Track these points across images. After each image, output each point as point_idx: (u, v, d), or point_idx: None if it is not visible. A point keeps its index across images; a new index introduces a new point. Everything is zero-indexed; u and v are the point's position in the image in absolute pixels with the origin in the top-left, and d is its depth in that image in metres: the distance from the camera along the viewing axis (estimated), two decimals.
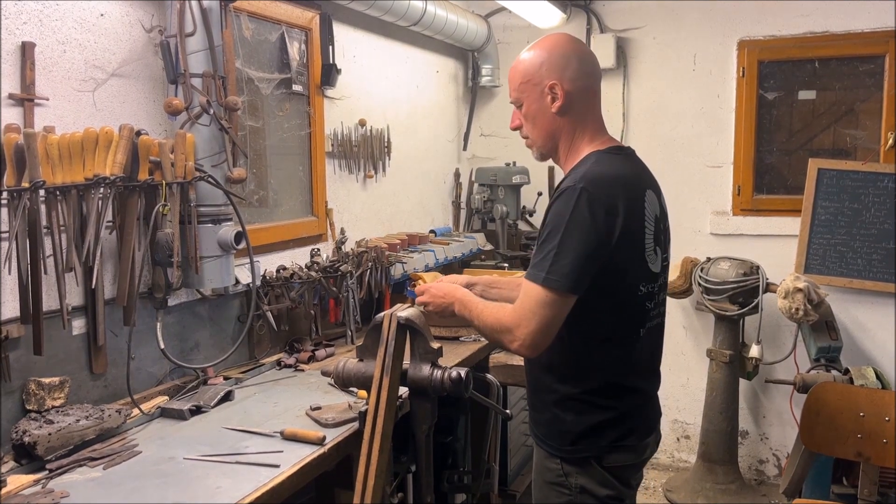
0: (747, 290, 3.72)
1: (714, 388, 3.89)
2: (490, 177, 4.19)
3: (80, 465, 1.78)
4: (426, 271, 3.50)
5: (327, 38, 3.05)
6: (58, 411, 1.88)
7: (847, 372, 3.35)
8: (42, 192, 1.82)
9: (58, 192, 1.86)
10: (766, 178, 4.12)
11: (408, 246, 3.56)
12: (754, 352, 3.73)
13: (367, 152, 3.46)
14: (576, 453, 1.77)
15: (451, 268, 3.85)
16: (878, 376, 3.29)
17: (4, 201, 1.79)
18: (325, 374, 2.13)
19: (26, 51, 1.89)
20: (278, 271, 2.69)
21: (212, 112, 2.20)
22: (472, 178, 4.43)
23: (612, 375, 1.77)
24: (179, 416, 2.10)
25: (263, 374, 2.55)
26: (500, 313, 1.74)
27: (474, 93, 4.49)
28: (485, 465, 2.95)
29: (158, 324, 2.19)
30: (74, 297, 2.00)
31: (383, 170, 3.61)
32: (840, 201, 3.82)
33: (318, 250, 3.02)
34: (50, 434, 1.76)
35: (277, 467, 1.76)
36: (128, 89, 2.20)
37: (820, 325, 3.56)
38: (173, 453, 1.85)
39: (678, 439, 4.38)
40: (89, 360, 2.06)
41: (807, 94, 4.01)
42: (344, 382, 1.98)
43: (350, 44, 3.32)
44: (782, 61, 4.00)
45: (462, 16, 3.91)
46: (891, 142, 3.76)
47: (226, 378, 2.42)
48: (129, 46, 2.19)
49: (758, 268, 3.76)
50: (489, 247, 4.22)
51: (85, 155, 1.89)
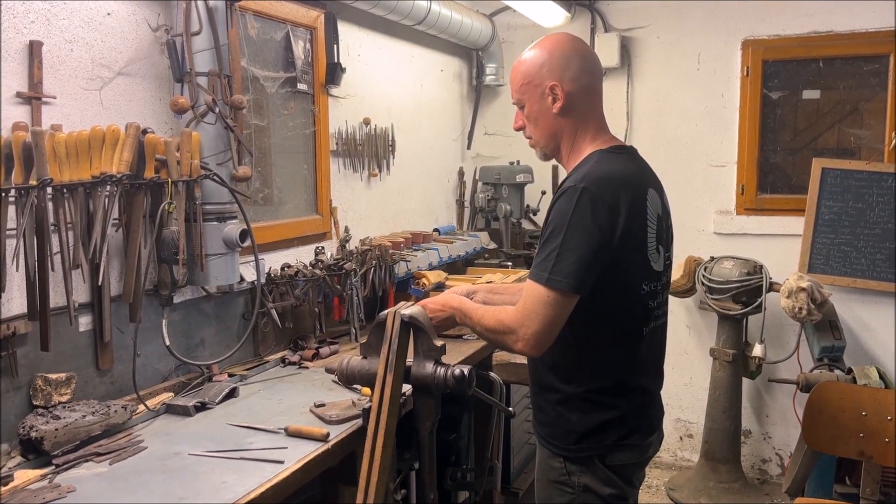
0: (751, 290, 3.72)
1: (717, 387, 3.89)
2: (494, 175, 4.20)
3: (87, 461, 1.79)
4: (430, 270, 3.51)
5: (332, 36, 3.06)
6: (64, 407, 1.89)
7: (850, 371, 3.35)
8: (49, 189, 1.84)
9: (65, 190, 1.87)
10: (770, 177, 4.12)
11: (412, 244, 3.57)
12: (757, 351, 3.73)
13: (372, 151, 3.47)
14: (580, 452, 1.78)
15: (455, 266, 3.86)
16: (881, 376, 3.30)
17: (12, 199, 1.81)
18: (329, 371, 2.14)
19: (34, 49, 1.90)
20: (283, 269, 2.70)
21: (217, 111, 2.21)
22: (476, 177, 4.44)
23: (616, 374, 1.78)
24: (184, 412, 2.12)
25: (268, 372, 2.56)
26: (502, 314, 1.74)
27: (478, 92, 4.50)
28: (488, 462, 2.95)
29: (164, 321, 2.21)
30: (81, 293, 2.01)
31: (387, 168, 3.62)
32: (844, 201, 3.82)
33: (323, 248, 3.03)
34: (57, 429, 1.78)
35: (282, 463, 1.77)
36: (134, 88, 2.21)
37: (823, 325, 3.56)
38: (178, 449, 1.87)
39: (681, 438, 4.38)
40: (96, 357, 2.08)
41: (811, 94, 4.01)
42: (348, 380, 1.99)
43: (355, 43, 3.33)
44: (786, 61, 4.00)
45: (466, 15, 3.92)
46: (895, 142, 3.76)
47: (230, 375, 2.43)
48: (135, 45, 2.21)
49: (761, 267, 3.76)
50: (493, 245, 4.22)
51: (92, 153, 1.91)
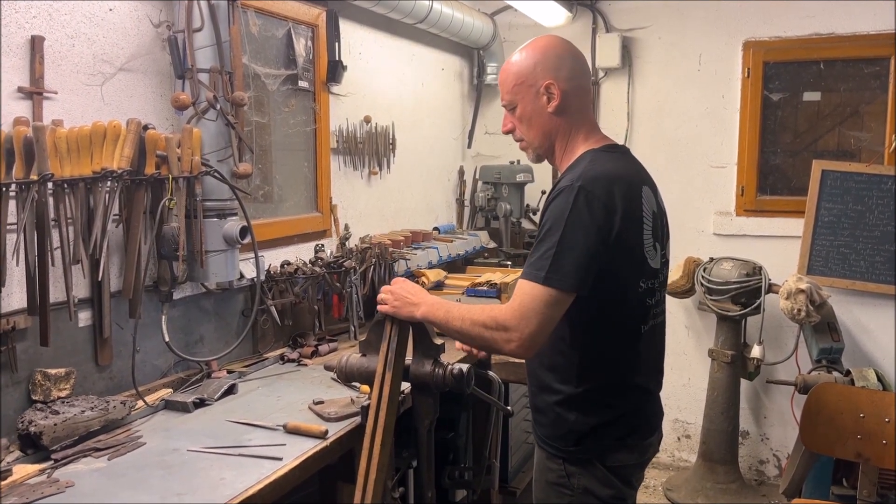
0: (750, 291, 3.72)
1: (715, 388, 3.89)
2: (494, 175, 4.20)
3: (85, 456, 1.80)
4: (429, 268, 3.51)
5: (333, 34, 3.06)
6: (63, 402, 1.90)
7: (848, 373, 3.36)
8: (50, 184, 1.84)
9: (66, 185, 1.87)
10: (770, 178, 4.12)
11: (411, 243, 3.57)
12: (756, 352, 3.74)
13: (372, 149, 3.47)
14: (579, 454, 1.76)
15: (454, 265, 3.86)
16: (879, 378, 3.30)
17: (13, 193, 1.81)
18: (328, 368, 2.14)
19: (35, 44, 1.90)
20: (282, 266, 2.70)
21: (218, 107, 2.22)
22: (476, 176, 4.44)
23: (615, 374, 1.77)
24: (183, 408, 2.12)
25: (267, 369, 2.56)
26: (494, 311, 1.66)
27: (479, 91, 4.50)
28: (486, 461, 2.96)
29: (163, 317, 2.21)
30: (81, 289, 2.01)
31: (388, 167, 3.62)
32: (844, 203, 3.82)
33: (323, 246, 3.03)
34: (56, 424, 1.78)
35: (280, 460, 1.77)
36: (135, 84, 2.21)
37: (822, 327, 3.56)
38: (177, 445, 1.87)
39: (679, 438, 4.39)
40: (95, 352, 2.08)
41: (812, 96, 4.01)
42: (347, 377, 1.99)
43: (356, 41, 3.33)
44: (787, 62, 4.00)
45: (468, 14, 3.92)
46: (895, 144, 3.76)
47: (229, 371, 2.44)
48: (137, 41, 2.21)
49: (760, 268, 3.76)
50: (492, 245, 4.22)
51: (93, 148, 1.91)
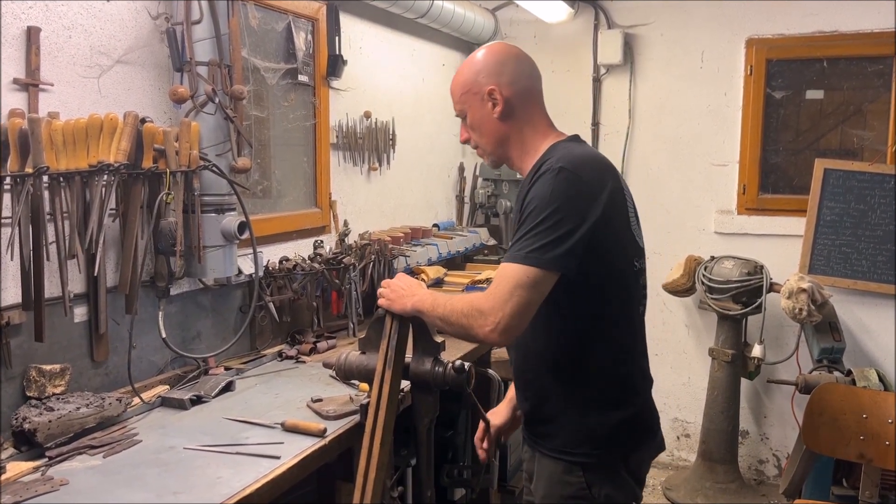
0: (751, 290, 3.71)
1: (715, 388, 3.88)
2: (494, 172, 4.18)
3: (80, 453, 1.77)
4: (429, 265, 3.49)
5: (334, 28, 3.03)
6: (58, 399, 1.87)
7: (849, 373, 3.34)
8: (46, 178, 1.81)
9: (61, 179, 1.84)
10: (772, 177, 4.10)
11: (411, 239, 3.55)
12: (756, 351, 3.72)
13: (372, 144, 3.44)
14: (603, 458, 1.69)
15: (454, 262, 3.84)
16: (880, 378, 3.29)
17: (8, 186, 1.78)
18: (326, 366, 2.12)
19: (31, 35, 1.87)
20: (281, 262, 2.68)
21: (217, 101, 2.19)
22: (476, 173, 4.42)
23: (624, 365, 1.73)
24: (180, 405, 2.10)
25: (265, 365, 2.54)
26: (473, 297, 1.62)
27: None
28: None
29: (160, 313, 2.18)
30: (76, 284, 1.99)
31: (388, 162, 3.60)
32: (846, 202, 3.81)
33: (322, 242, 3.01)
34: (50, 421, 1.76)
35: (278, 459, 1.75)
36: (133, 76, 2.18)
37: (823, 326, 3.55)
38: (174, 443, 1.85)
39: (678, 438, 4.37)
40: (90, 348, 2.05)
41: (814, 94, 3.98)
42: (346, 375, 1.97)
43: (356, 35, 3.30)
44: (790, 60, 3.97)
45: (469, 9, 3.90)
46: None
47: (227, 368, 2.42)
48: (134, 33, 2.18)
49: (762, 267, 3.75)
50: (492, 242, 4.20)
51: (89, 141, 1.88)
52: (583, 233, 1.56)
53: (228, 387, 2.24)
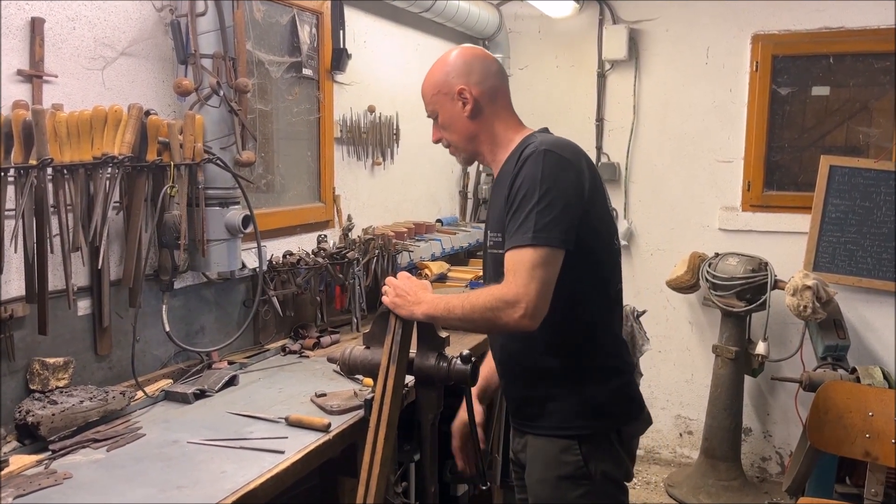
0: (755, 287, 3.70)
1: (719, 385, 3.87)
2: None
3: (84, 447, 1.76)
4: (432, 260, 3.48)
5: (338, 22, 3.01)
6: (62, 392, 1.86)
7: (854, 371, 3.33)
8: (49, 170, 1.80)
9: (65, 171, 1.83)
10: (777, 174, 4.08)
11: (414, 234, 3.53)
12: (760, 349, 3.71)
13: (376, 139, 3.43)
14: (599, 428, 1.73)
15: (457, 257, 3.83)
16: (884, 376, 3.27)
17: (11, 178, 1.77)
18: (331, 360, 2.11)
19: (35, 26, 1.86)
20: (285, 257, 2.67)
21: (221, 94, 2.18)
22: (480, 168, 4.40)
23: (611, 338, 1.80)
24: (184, 399, 2.09)
25: (268, 360, 2.53)
26: (492, 290, 1.63)
27: None
28: (487, 456, 2.94)
29: (164, 306, 2.17)
30: (80, 277, 1.98)
31: (391, 157, 3.59)
32: (851, 199, 3.79)
33: (325, 237, 3.00)
34: (53, 415, 1.75)
35: (282, 453, 1.74)
36: (137, 68, 2.17)
37: (827, 324, 3.53)
38: (177, 437, 1.84)
39: (681, 435, 4.36)
40: (94, 341, 2.05)
41: (820, 90, 3.97)
42: (350, 370, 1.96)
43: (361, 29, 3.29)
44: (796, 56, 3.96)
45: (474, 3, 3.88)
46: None
47: (230, 362, 2.41)
48: (139, 25, 2.16)
49: (766, 264, 3.73)
50: None
51: (93, 133, 1.87)
52: (577, 209, 1.64)
53: (232, 381, 2.24)
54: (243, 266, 2.44)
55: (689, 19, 4.12)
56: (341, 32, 3.02)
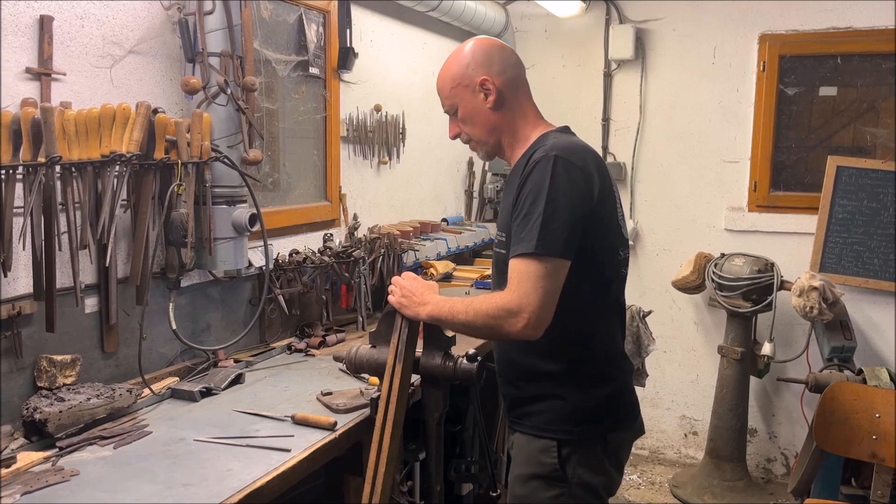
0: (761, 288, 3.69)
1: (724, 385, 3.86)
2: (503, 167, 4.16)
3: (91, 444, 1.77)
4: (438, 259, 3.48)
5: (345, 21, 3.02)
6: (69, 389, 1.87)
7: (860, 372, 3.32)
8: (58, 167, 1.80)
9: (73, 169, 1.84)
10: (784, 174, 4.07)
11: (420, 234, 3.54)
12: (766, 349, 3.70)
13: (382, 138, 3.43)
14: (582, 434, 1.72)
15: (463, 257, 3.83)
16: (891, 377, 3.26)
17: (20, 176, 1.77)
18: (337, 359, 2.11)
19: (44, 24, 1.87)
20: (291, 255, 2.67)
21: (229, 92, 2.18)
22: (486, 168, 4.40)
23: (605, 345, 1.77)
24: (190, 397, 2.09)
25: (274, 358, 2.53)
26: (495, 298, 1.62)
27: None
28: (492, 455, 2.94)
29: (171, 304, 2.18)
30: (88, 274, 1.98)
31: (397, 156, 3.59)
32: (858, 200, 3.78)
33: (331, 235, 3.00)
34: (61, 412, 1.76)
35: (289, 452, 1.75)
36: (145, 67, 2.18)
37: (834, 325, 3.52)
38: (183, 434, 1.84)
39: (686, 435, 4.36)
40: (101, 339, 2.05)
41: (827, 91, 3.95)
42: (356, 368, 1.97)
43: (368, 28, 3.29)
44: (804, 56, 3.94)
45: (480, 2, 3.87)
46: None
47: (236, 361, 2.41)
48: (147, 23, 2.17)
49: (772, 265, 3.72)
50: None
51: (101, 131, 1.87)
52: (581, 218, 1.62)
53: (238, 379, 2.24)
54: (250, 264, 2.44)
55: (696, 19, 4.11)
56: (348, 31, 3.03)
